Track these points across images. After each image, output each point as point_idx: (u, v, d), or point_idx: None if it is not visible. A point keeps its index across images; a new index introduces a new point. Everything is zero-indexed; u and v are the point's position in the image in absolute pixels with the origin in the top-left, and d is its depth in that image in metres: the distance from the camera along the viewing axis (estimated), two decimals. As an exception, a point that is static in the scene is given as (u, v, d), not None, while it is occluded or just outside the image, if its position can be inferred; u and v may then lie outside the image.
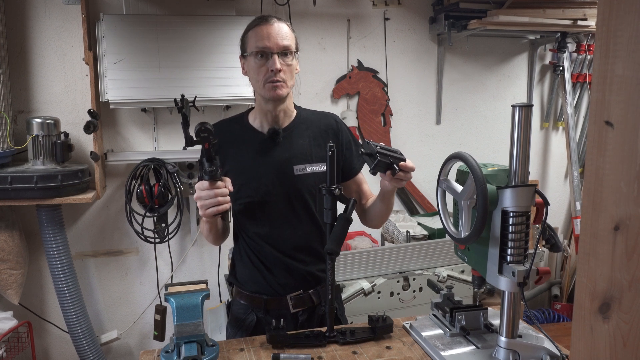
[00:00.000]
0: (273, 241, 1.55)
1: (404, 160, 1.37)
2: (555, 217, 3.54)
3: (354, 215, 1.41)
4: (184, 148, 1.41)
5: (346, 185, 1.63)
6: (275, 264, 1.56)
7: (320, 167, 1.55)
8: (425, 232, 2.75)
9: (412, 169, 1.39)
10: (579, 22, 2.85)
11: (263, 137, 1.54)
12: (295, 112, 1.60)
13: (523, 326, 1.38)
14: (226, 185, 1.35)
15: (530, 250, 1.18)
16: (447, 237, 2.66)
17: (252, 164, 1.53)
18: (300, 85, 2.93)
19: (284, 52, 1.45)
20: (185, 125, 1.28)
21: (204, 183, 1.32)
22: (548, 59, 3.34)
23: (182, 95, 1.31)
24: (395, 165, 1.33)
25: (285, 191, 1.52)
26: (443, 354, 1.28)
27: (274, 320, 1.39)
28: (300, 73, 1.59)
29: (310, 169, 1.53)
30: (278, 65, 1.43)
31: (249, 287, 1.59)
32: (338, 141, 1.58)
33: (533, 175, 3.42)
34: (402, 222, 2.90)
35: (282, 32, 1.45)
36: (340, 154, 1.59)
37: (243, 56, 1.53)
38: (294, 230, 1.54)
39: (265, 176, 1.51)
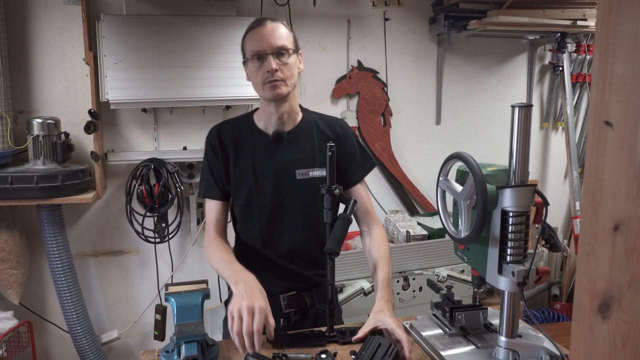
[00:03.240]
0: (270, 245, 1.54)
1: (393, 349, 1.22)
2: (555, 217, 3.55)
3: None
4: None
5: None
6: (272, 266, 1.55)
7: (322, 172, 1.52)
8: (425, 232, 2.75)
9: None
10: (579, 23, 2.85)
11: (267, 140, 1.53)
12: (301, 114, 1.58)
13: (523, 326, 1.38)
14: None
15: (530, 250, 1.18)
16: (447, 237, 2.66)
17: (254, 166, 1.52)
18: (305, 86, 2.93)
19: (280, 51, 1.45)
20: None
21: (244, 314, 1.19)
22: (548, 59, 3.35)
23: None
24: None
25: (286, 195, 1.51)
26: (443, 353, 1.28)
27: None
28: (300, 73, 1.58)
29: (313, 173, 1.52)
30: (273, 65, 1.43)
31: None
32: (341, 147, 1.56)
33: (533, 175, 3.42)
34: (402, 222, 2.90)
35: (276, 32, 1.45)
36: (341, 161, 1.57)
37: (244, 62, 1.52)
38: (292, 235, 1.54)
39: (267, 179, 1.51)
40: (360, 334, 1.35)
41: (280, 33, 1.46)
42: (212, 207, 1.56)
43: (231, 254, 1.47)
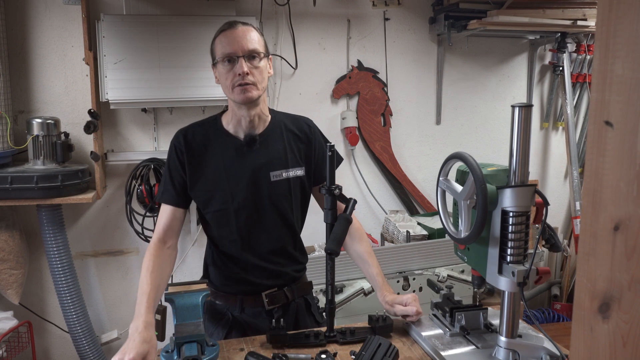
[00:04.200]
0: (249, 247, 1.54)
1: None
2: (555, 217, 3.54)
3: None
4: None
5: (315, 191, 1.63)
6: (251, 267, 1.55)
7: (296, 172, 1.54)
8: (425, 232, 2.75)
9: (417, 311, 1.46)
10: (579, 23, 2.85)
11: (239, 143, 1.52)
12: (269, 116, 1.58)
13: (523, 326, 1.38)
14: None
15: (530, 250, 1.18)
16: (447, 237, 2.66)
17: (227, 170, 1.50)
18: (300, 86, 2.93)
19: (251, 55, 1.43)
20: None
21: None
22: (548, 59, 3.35)
23: None
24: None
25: (262, 197, 1.51)
26: (443, 353, 1.28)
27: (274, 320, 1.40)
28: (300, 73, 1.58)
29: (287, 174, 1.53)
30: (245, 68, 1.41)
31: (224, 289, 1.59)
32: (310, 146, 1.58)
33: (533, 175, 3.42)
34: (402, 222, 2.90)
35: (247, 35, 1.44)
36: (312, 158, 1.58)
37: (214, 65, 1.51)
38: (269, 235, 1.54)
39: (241, 182, 1.50)
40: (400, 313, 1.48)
41: (252, 36, 1.45)
42: (165, 211, 1.51)
43: (153, 282, 1.39)
